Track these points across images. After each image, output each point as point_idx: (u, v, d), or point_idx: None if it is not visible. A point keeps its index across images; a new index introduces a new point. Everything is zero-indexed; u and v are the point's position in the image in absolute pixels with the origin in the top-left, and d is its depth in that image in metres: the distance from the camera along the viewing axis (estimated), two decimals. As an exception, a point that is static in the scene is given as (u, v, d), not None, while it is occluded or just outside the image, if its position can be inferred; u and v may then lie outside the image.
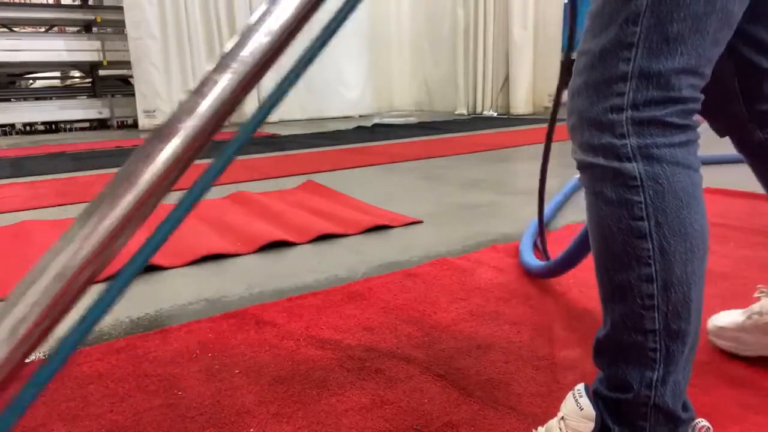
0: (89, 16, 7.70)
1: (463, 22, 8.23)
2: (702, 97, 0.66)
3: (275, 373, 1.04)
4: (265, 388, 0.99)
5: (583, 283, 1.41)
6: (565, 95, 0.77)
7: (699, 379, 0.94)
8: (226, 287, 1.51)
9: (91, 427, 0.89)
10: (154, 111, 7.05)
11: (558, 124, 1.21)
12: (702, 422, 0.70)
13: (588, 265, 1.58)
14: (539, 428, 0.78)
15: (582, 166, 0.69)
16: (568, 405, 0.72)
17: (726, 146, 0.92)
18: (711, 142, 0.93)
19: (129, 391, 1.00)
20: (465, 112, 8.44)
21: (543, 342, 1.10)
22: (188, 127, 0.44)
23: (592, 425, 0.67)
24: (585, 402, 0.69)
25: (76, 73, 8.31)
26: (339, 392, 0.97)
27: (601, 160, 0.65)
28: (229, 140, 0.50)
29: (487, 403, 0.92)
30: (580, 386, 0.71)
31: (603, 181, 0.65)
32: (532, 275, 1.48)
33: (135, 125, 7.41)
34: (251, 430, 0.87)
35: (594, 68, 0.65)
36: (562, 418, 0.72)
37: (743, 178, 2.27)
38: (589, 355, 1.03)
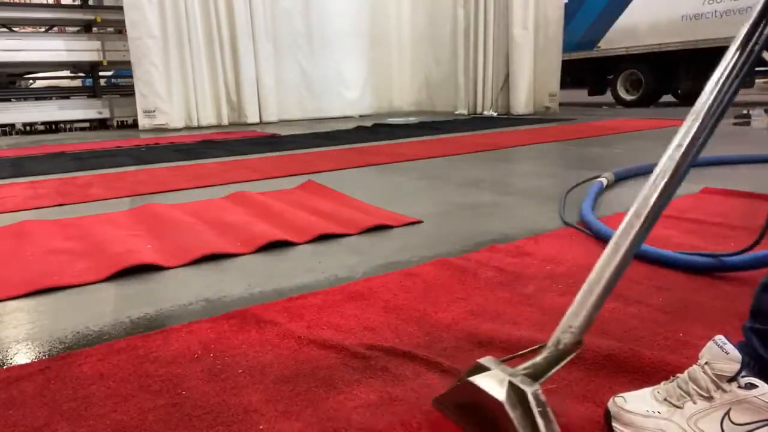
0: (89, 16, 7.70)
1: (463, 22, 8.23)
2: None
3: (279, 372, 1.04)
4: (270, 387, 0.99)
5: (580, 283, 1.41)
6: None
7: None
8: (226, 287, 1.51)
9: (95, 426, 0.89)
10: (154, 111, 7.04)
11: (554, 125, 1.21)
12: None
13: (585, 266, 1.58)
14: (679, 375, 0.85)
15: None
16: (711, 352, 0.81)
17: (726, 147, 0.92)
18: (711, 143, 0.93)
19: (132, 391, 1.00)
20: (465, 112, 8.44)
21: (545, 340, 1.10)
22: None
23: (736, 366, 0.78)
24: (730, 348, 0.79)
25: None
26: (346, 390, 0.97)
27: None
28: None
29: (496, 399, 0.92)
30: (721, 337, 0.82)
31: None
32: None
33: (135, 125, 7.41)
34: (261, 427, 0.88)
35: None
36: (706, 363, 0.81)
37: (743, 178, 2.28)
38: (590, 351, 1.04)
